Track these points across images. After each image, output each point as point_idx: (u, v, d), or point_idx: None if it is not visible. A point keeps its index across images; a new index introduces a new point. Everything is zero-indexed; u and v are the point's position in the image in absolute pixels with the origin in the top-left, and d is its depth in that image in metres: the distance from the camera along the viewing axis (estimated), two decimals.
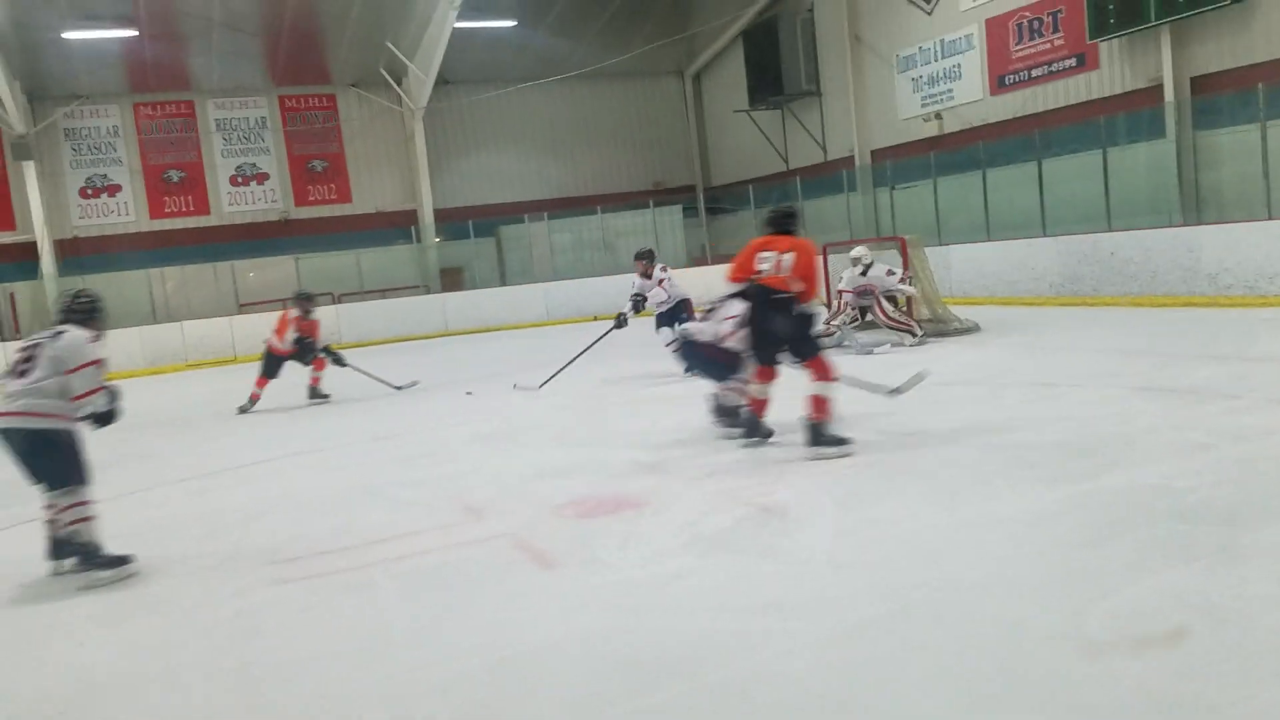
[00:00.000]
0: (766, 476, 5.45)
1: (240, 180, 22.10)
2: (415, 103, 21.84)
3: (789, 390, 6.14)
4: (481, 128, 23.87)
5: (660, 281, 10.12)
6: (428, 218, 22.70)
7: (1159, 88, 13.65)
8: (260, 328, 18.30)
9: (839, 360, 6.53)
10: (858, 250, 11.03)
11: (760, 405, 6.22)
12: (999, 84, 16.43)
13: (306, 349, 10.53)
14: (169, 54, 19.74)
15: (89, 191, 21.04)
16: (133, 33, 18.44)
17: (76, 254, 20.48)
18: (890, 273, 10.72)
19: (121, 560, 4.87)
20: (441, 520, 5.34)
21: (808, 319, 6.04)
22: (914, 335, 10.49)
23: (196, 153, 21.73)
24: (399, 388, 10.94)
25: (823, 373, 5.90)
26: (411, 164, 22.85)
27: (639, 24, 22.45)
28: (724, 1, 22.19)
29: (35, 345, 4.98)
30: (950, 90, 17.43)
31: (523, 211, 22.62)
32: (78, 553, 4.84)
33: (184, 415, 10.93)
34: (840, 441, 5.75)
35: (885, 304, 10.71)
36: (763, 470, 5.62)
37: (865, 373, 7.08)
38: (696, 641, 3.36)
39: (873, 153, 19.66)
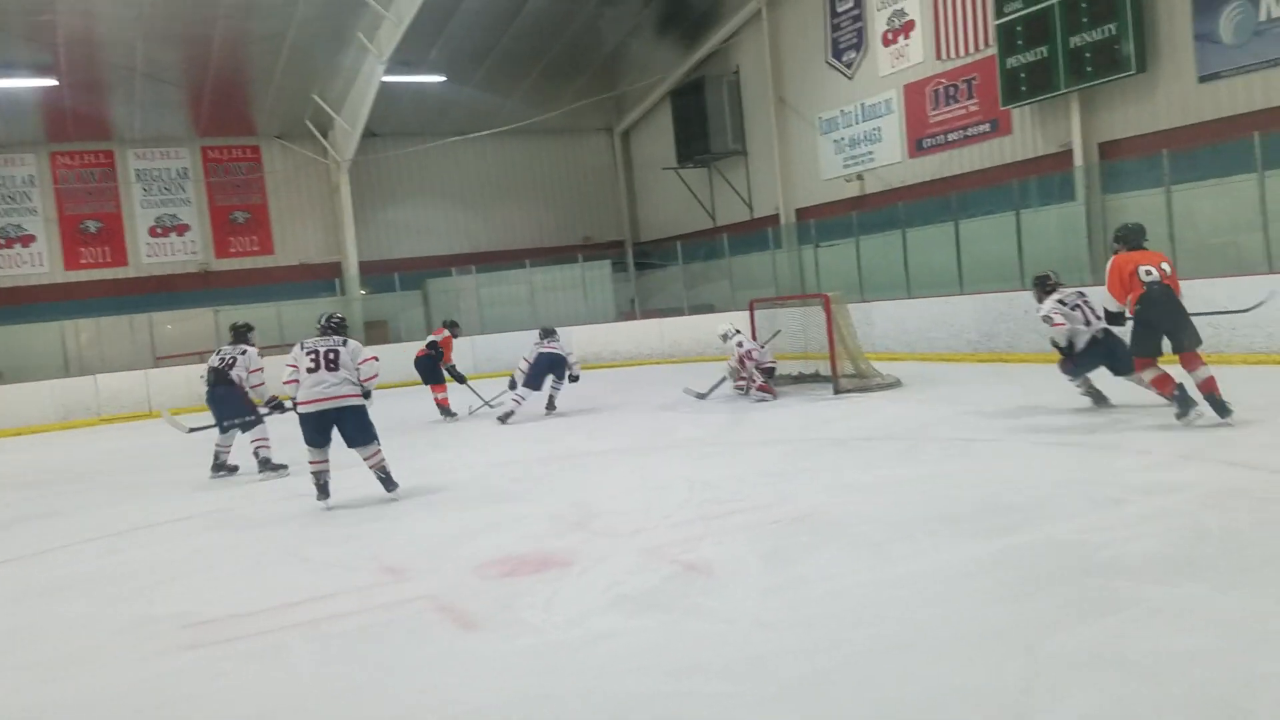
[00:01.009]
0: (692, 533, 5.43)
1: (160, 231, 21.64)
2: (341, 155, 21.71)
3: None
4: (409, 181, 23.81)
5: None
6: (353, 270, 22.48)
7: (1069, 153, 14.25)
8: (177, 380, 17.90)
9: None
10: (724, 327, 11.89)
11: (1168, 380, 7.12)
12: (917, 147, 16.97)
13: (435, 363, 12.77)
14: (89, 103, 19.36)
15: (1, 242, 20.38)
16: (52, 82, 18.06)
17: None
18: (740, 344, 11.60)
19: (395, 485, 7.32)
20: (360, 581, 5.20)
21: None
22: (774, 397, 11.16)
23: (115, 203, 21.26)
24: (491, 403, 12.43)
25: (1200, 360, 7.03)
26: (337, 216, 22.67)
27: (568, 81, 22.73)
28: (652, 61, 22.61)
29: (331, 350, 7.13)
30: (871, 152, 17.94)
31: (451, 265, 22.53)
32: (384, 482, 7.29)
33: (94, 471, 10.53)
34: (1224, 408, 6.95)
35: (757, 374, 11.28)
36: (688, 526, 5.60)
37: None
38: (624, 704, 3.30)
39: (797, 211, 20.08)
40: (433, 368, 12.79)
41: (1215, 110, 12.62)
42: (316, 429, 7.08)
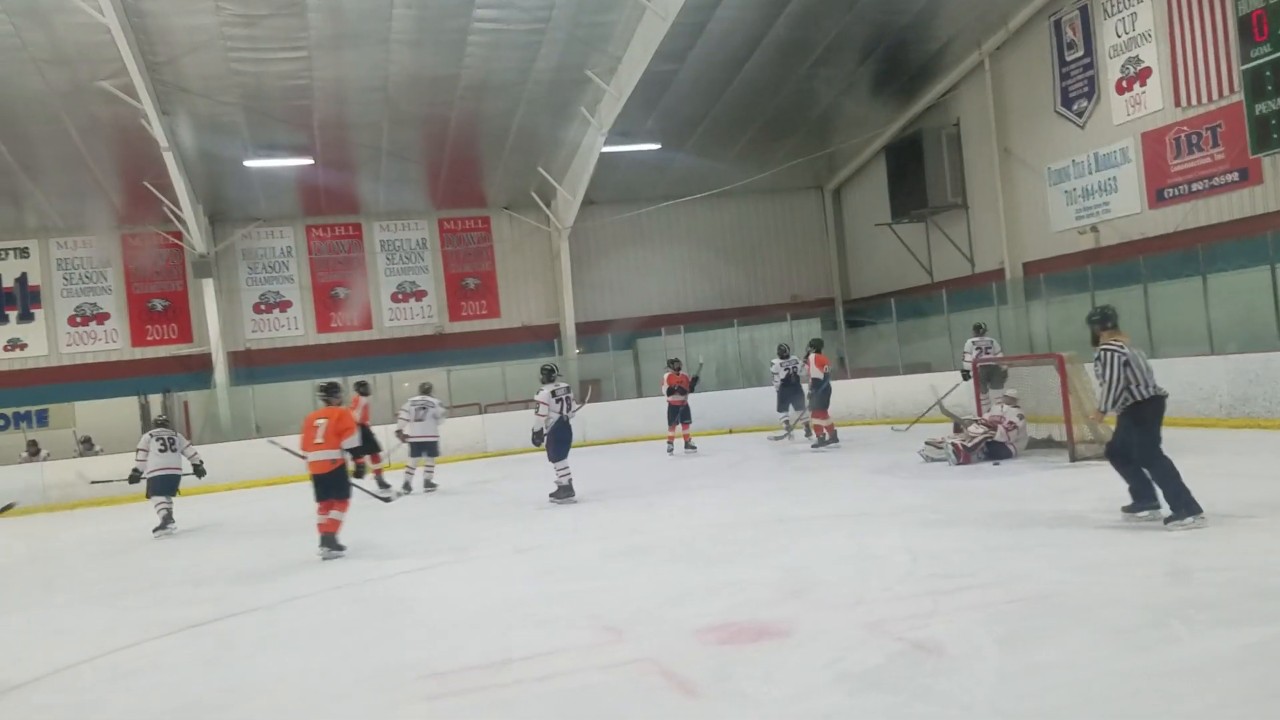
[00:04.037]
0: (919, 608, 5.23)
1: (400, 297, 23.33)
2: (562, 222, 22.72)
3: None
4: (623, 244, 24.56)
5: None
6: (569, 331, 23.36)
7: None
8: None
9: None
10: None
11: None
12: (1158, 197, 15.91)
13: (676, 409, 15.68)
14: (340, 181, 21.20)
15: (262, 307, 22.53)
16: (308, 161, 19.92)
17: (248, 365, 21.84)
18: None
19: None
20: (583, 640, 5.33)
21: None
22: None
23: (362, 271, 23.10)
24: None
25: None
26: (556, 280, 23.68)
27: (779, 142, 22.85)
28: (866, 118, 22.38)
29: (171, 438, 12.07)
30: (1106, 203, 16.98)
31: (661, 324, 22.96)
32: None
33: None
34: None
35: None
36: (914, 601, 5.39)
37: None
38: None
39: (1024, 265, 19.22)
40: (672, 411, 15.66)
41: None
42: (169, 486, 11.93)
